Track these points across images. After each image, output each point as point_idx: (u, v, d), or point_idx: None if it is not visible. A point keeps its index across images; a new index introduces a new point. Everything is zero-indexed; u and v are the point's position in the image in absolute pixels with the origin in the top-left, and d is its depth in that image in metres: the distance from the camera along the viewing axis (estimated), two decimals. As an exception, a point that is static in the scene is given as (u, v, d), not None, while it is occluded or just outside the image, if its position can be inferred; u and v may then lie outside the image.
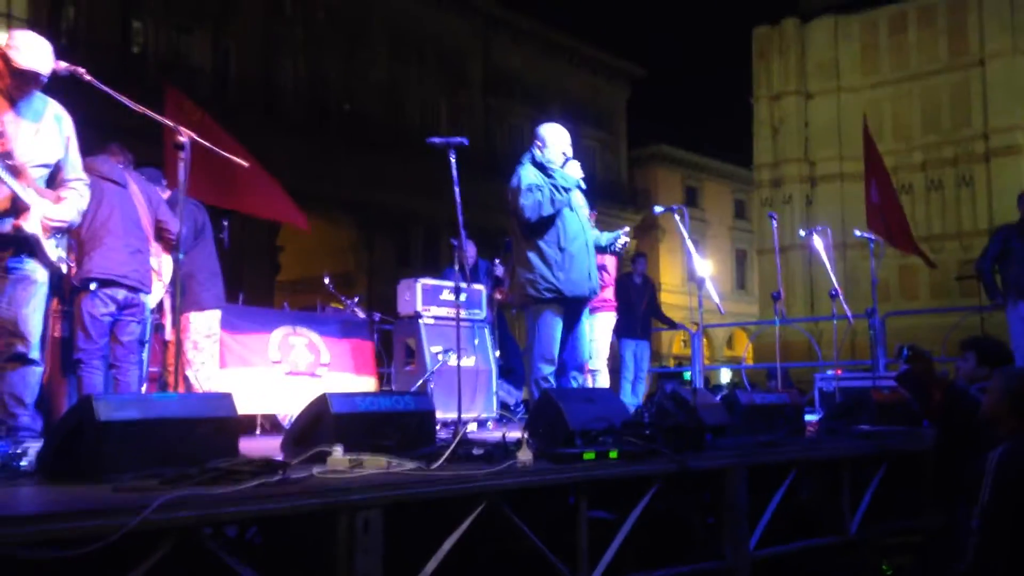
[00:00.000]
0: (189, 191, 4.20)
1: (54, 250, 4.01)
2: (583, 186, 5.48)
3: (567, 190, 5.34)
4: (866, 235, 8.59)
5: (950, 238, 29.06)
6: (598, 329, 7.97)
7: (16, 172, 3.84)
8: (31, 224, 3.88)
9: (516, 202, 5.28)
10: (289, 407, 6.84)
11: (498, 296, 8.59)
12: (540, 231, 5.32)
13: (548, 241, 5.32)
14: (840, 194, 31.07)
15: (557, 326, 5.36)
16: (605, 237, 5.72)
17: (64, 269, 4.14)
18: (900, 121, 30.76)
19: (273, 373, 6.97)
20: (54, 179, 4.10)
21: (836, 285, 7.46)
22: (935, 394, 4.44)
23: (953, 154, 30.12)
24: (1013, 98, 28.71)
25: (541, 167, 5.39)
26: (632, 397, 9.13)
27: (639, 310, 9.39)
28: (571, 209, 5.43)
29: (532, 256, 5.33)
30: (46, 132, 4.00)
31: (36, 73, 3.86)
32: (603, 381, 7.88)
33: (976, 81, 29.86)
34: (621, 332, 9.04)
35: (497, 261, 8.72)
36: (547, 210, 5.25)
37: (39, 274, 3.99)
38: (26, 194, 3.86)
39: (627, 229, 5.93)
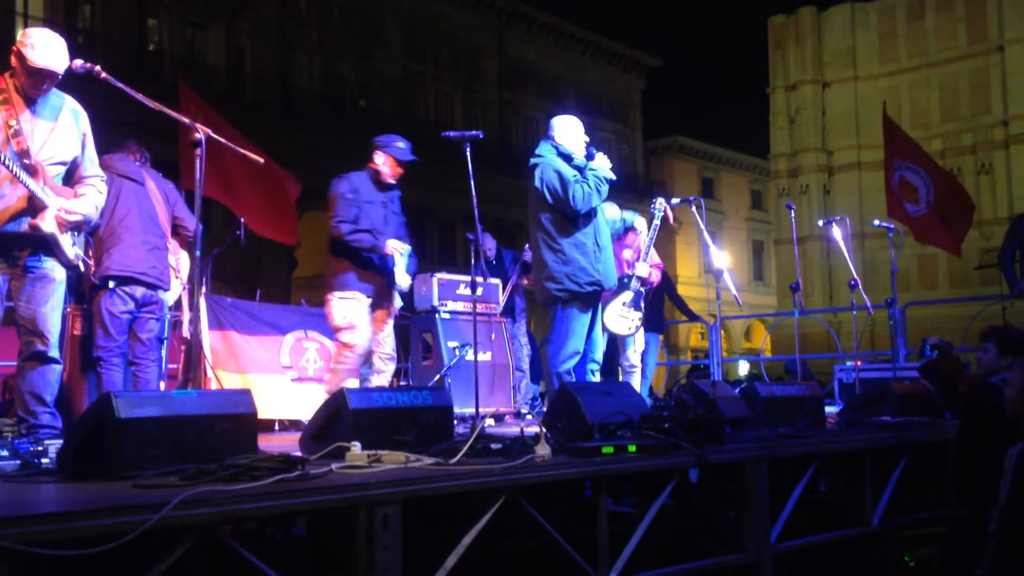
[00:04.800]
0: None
1: (71, 248, 4.02)
2: (613, 177, 5.50)
3: (608, 181, 5.39)
4: (884, 224, 8.52)
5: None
6: None
7: (33, 171, 3.85)
8: (48, 223, 3.89)
9: (565, 193, 5.24)
10: (295, 413, 6.87)
11: (525, 282, 8.52)
12: (581, 222, 5.33)
13: (586, 233, 5.35)
14: (858, 183, 30.89)
15: (586, 320, 5.38)
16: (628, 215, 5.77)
17: (82, 267, 4.15)
18: (918, 109, 30.51)
19: (282, 379, 7.00)
20: (71, 176, 4.10)
21: (855, 275, 7.41)
22: (960, 387, 4.39)
23: (972, 141, 29.86)
24: (1032, 85, 28.44)
25: (567, 158, 5.40)
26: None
27: (644, 303, 9.28)
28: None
29: (569, 248, 5.32)
30: (62, 129, 4.01)
31: (52, 71, 3.86)
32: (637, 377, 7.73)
33: (995, 68, 29.58)
34: None
35: (527, 247, 8.66)
36: (595, 200, 5.29)
37: (57, 272, 4.01)
38: (43, 193, 3.87)
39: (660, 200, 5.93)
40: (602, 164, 5.42)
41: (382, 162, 5.53)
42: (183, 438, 3.11)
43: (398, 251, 5.42)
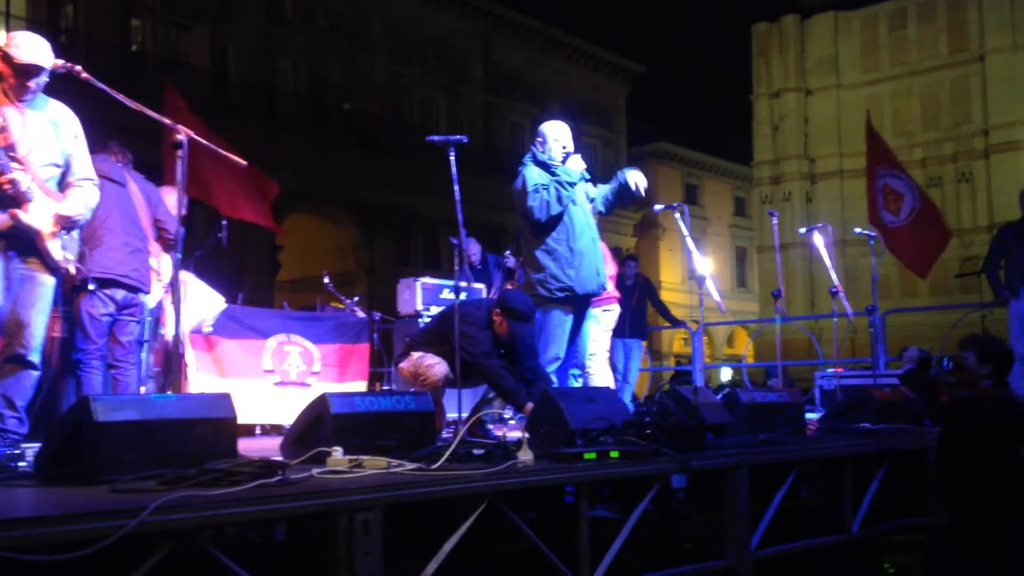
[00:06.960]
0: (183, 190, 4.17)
1: (59, 251, 3.97)
2: (587, 176, 5.48)
3: (572, 185, 5.34)
4: (866, 232, 8.56)
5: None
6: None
7: (20, 165, 3.80)
8: (31, 216, 3.84)
9: (524, 204, 5.28)
10: (277, 417, 6.83)
11: (509, 287, 8.51)
12: (549, 229, 5.33)
13: (557, 239, 5.33)
14: (840, 191, 31.08)
15: (566, 325, 5.37)
16: (607, 188, 5.62)
17: (72, 270, 4.10)
18: (900, 117, 30.73)
19: (264, 384, 6.96)
20: (64, 179, 4.06)
21: (836, 282, 7.44)
22: (942, 396, 4.40)
23: (953, 150, 30.09)
24: (1013, 94, 28.70)
25: (544, 166, 5.39)
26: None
27: (627, 309, 9.31)
28: (575, 204, 5.43)
29: (541, 255, 5.33)
30: (52, 132, 3.97)
31: (39, 67, 3.83)
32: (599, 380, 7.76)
33: (976, 77, 29.84)
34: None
35: (508, 252, 8.66)
36: (555, 208, 5.26)
37: (43, 275, 3.96)
38: (30, 185, 3.82)
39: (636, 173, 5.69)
40: (574, 167, 5.41)
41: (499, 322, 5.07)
42: (162, 442, 3.09)
43: None
